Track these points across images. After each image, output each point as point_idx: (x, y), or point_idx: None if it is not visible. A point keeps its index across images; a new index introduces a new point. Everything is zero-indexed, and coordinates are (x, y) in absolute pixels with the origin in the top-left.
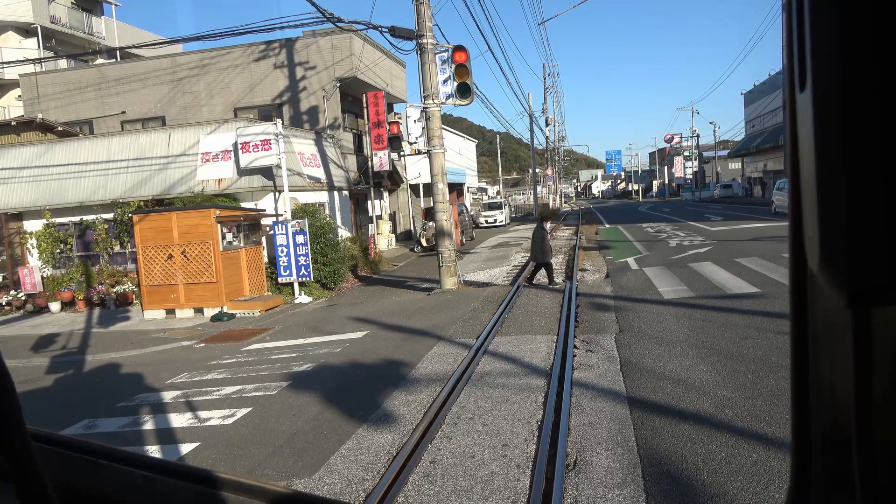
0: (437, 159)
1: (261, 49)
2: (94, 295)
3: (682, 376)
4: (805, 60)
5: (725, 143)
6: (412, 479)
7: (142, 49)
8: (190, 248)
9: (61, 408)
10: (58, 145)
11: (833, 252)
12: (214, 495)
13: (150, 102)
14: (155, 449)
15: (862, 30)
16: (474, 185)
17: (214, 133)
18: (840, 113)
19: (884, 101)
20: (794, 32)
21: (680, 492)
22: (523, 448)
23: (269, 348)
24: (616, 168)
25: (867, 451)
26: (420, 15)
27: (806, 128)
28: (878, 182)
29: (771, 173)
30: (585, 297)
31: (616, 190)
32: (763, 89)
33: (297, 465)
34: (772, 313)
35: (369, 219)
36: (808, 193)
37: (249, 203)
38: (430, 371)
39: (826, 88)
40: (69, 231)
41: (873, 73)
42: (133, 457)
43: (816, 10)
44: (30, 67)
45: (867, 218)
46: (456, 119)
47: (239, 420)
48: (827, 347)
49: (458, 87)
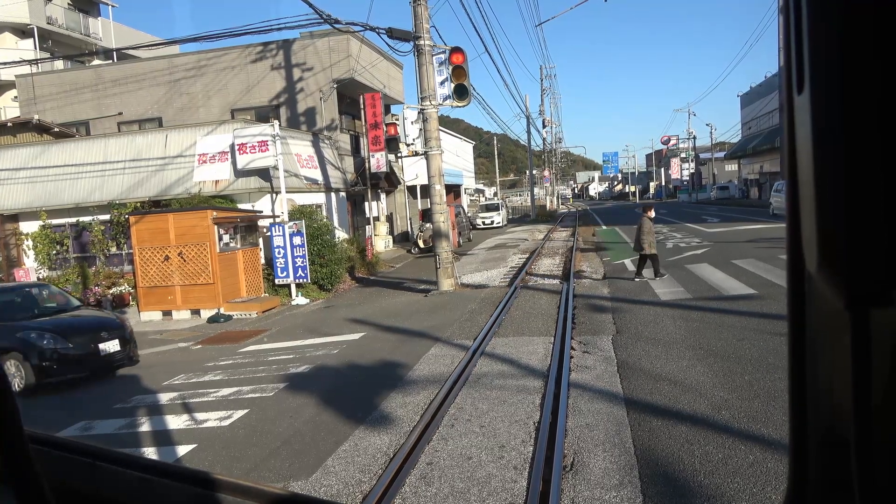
0: (435, 161)
1: (258, 50)
2: (91, 296)
3: (679, 378)
4: (803, 63)
5: (722, 144)
6: (409, 480)
7: (139, 50)
8: (187, 249)
9: (58, 410)
10: (54, 146)
11: (831, 254)
12: (211, 497)
13: (147, 104)
14: (152, 451)
15: (860, 32)
16: (471, 187)
17: (211, 134)
18: (838, 115)
19: (882, 103)
20: (791, 35)
21: (677, 493)
22: (520, 450)
23: (266, 350)
24: (613, 170)
25: (865, 452)
26: (417, 16)
27: (804, 130)
28: (876, 184)
29: (767, 175)
30: (582, 298)
31: (613, 191)
32: (760, 91)
33: (295, 466)
34: (768, 315)
35: (366, 220)
36: (806, 195)
37: (246, 204)
38: (428, 372)
39: (824, 90)
40: (65, 232)
41: (871, 75)
42: (130, 459)
43: (814, 13)
44: (26, 68)
45: (865, 219)
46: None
47: (236, 422)
48: (825, 349)
49: (455, 88)
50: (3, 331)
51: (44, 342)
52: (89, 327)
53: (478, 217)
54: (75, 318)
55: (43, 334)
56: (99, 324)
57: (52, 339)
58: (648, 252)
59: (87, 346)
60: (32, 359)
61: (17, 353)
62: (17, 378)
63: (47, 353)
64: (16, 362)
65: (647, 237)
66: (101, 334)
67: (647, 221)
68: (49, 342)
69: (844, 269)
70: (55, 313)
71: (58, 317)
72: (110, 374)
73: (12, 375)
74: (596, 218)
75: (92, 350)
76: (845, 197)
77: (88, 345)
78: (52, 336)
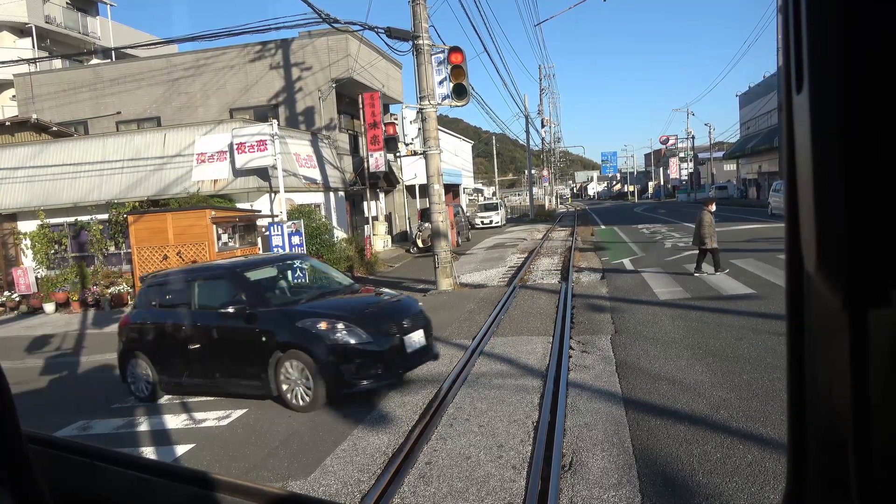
0: (434, 160)
1: (256, 50)
2: (89, 296)
3: (678, 377)
4: (802, 62)
5: (721, 144)
6: (408, 480)
7: (137, 49)
8: (185, 248)
9: (56, 409)
10: (52, 146)
11: (830, 253)
12: (210, 497)
13: (146, 103)
14: (150, 450)
15: (859, 31)
16: (470, 187)
17: (210, 134)
18: (837, 114)
19: (881, 103)
20: (790, 34)
21: (676, 493)
22: (519, 449)
23: None
24: (612, 169)
25: (864, 451)
26: (416, 16)
27: (803, 129)
28: (875, 183)
29: (766, 175)
30: (581, 297)
31: (612, 191)
32: (758, 91)
33: (293, 466)
34: (767, 314)
35: (365, 220)
36: (804, 195)
37: (245, 204)
38: (426, 372)
39: (823, 90)
40: (64, 232)
41: (870, 75)
42: (128, 459)
43: (814, 12)
44: (24, 67)
45: (864, 219)
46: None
47: (234, 421)
48: (824, 348)
49: (454, 88)
50: (275, 319)
51: (336, 335)
52: (388, 313)
53: (476, 217)
54: (362, 301)
55: (335, 324)
56: (398, 308)
57: (346, 331)
58: (710, 246)
59: (390, 338)
60: (322, 359)
61: (299, 350)
62: (300, 388)
63: (344, 351)
64: (299, 364)
65: (708, 230)
66: (404, 322)
67: (708, 215)
68: (343, 334)
69: (843, 268)
70: (329, 294)
71: (337, 298)
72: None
73: (293, 382)
74: (595, 218)
75: (396, 345)
76: (844, 196)
77: (392, 337)
78: (347, 326)
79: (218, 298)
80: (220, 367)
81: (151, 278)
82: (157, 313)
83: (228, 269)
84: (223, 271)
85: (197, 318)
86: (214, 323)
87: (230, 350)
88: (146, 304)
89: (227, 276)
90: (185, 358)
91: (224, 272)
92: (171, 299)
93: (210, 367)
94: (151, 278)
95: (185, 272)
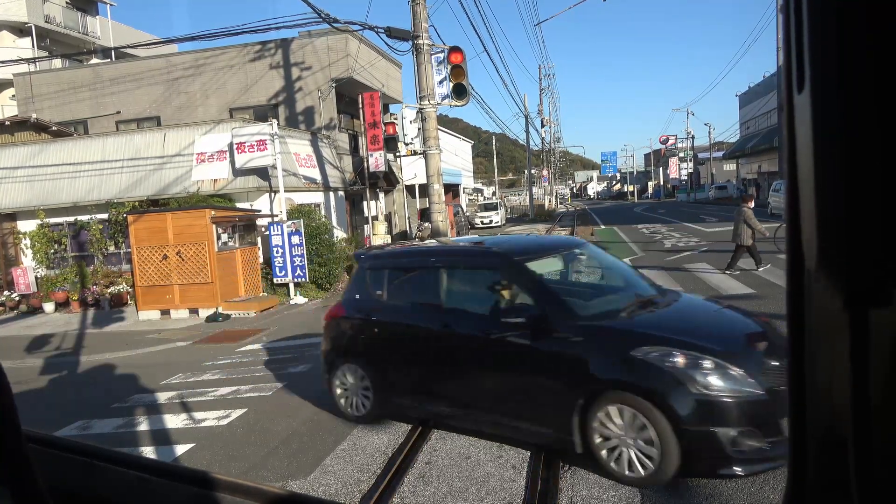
0: (433, 160)
1: (256, 49)
2: (89, 295)
3: None
4: (803, 62)
5: (720, 144)
6: (407, 479)
7: (137, 49)
8: (185, 248)
9: (56, 409)
10: (52, 145)
11: (831, 253)
12: (210, 496)
13: (145, 102)
14: (150, 450)
15: (860, 31)
16: (470, 186)
17: (210, 133)
18: (838, 114)
19: (881, 102)
20: (791, 34)
21: (676, 493)
22: (518, 449)
23: (265, 349)
24: (611, 169)
25: (864, 451)
26: (416, 16)
27: (804, 129)
28: (875, 183)
29: (766, 175)
30: None
31: (611, 191)
32: (758, 91)
33: (293, 466)
34: (767, 314)
35: (365, 219)
36: (805, 194)
37: (245, 204)
38: None
39: (824, 89)
40: (63, 231)
41: (871, 75)
42: (128, 458)
43: (814, 12)
44: (24, 67)
45: (865, 219)
46: (452, 120)
47: (234, 421)
48: (824, 348)
49: (454, 87)
50: (590, 341)
51: (698, 374)
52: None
53: (476, 216)
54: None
55: (699, 360)
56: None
57: (714, 369)
58: (747, 244)
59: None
60: (681, 414)
61: (636, 395)
62: (629, 450)
63: (708, 402)
64: (632, 415)
65: (755, 224)
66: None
67: (748, 211)
68: (708, 375)
69: (844, 268)
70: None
71: (668, 311)
72: None
73: (619, 440)
74: (594, 217)
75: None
76: (845, 196)
77: (757, 374)
78: (714, 363)
79: (478, 297)
80: (485, 400)
81: (374, 258)
82: (382, 307)
83: (502, 255)
84: (495, 259)
85: (450, 322)
86: (477, 332)
87: (505, 377)
88: (365, 293)
89: (501, 265)
90: (425, 377)
91: (497, 260)
92: (405, 290)
93: (466, 396)
94: (374, 258)
95: (428, 253)
